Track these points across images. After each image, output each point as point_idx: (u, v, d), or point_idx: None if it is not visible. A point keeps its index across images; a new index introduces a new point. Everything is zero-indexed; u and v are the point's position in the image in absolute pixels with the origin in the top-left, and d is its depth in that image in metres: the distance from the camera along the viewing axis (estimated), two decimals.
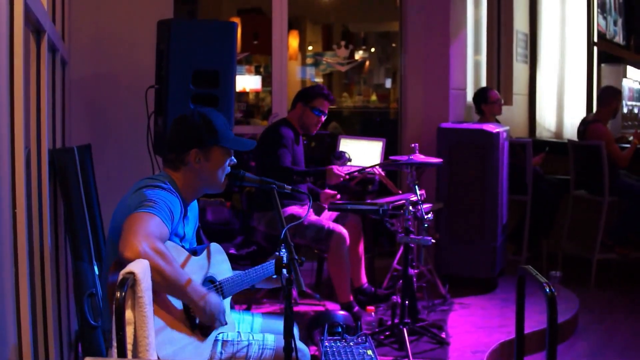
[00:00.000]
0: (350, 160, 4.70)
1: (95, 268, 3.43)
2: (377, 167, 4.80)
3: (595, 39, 8.67)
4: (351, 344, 3.26)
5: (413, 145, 4.43)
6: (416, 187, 4.19)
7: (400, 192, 4.87)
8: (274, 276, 2.73)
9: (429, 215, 4.11)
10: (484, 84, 6.82)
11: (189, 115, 2.62)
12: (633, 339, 4.72)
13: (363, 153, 5.17)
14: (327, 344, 3.24)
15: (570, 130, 8.03)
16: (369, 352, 3.18)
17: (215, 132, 2.57)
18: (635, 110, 9.61)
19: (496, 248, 5.32)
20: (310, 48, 8.81)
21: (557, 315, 2.41)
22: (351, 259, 4.60)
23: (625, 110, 8.86)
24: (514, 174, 5.76)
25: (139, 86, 3.92)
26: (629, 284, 6.00)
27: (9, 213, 2.13)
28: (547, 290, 2.41)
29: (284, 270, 2.34)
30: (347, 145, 5.23)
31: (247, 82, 8.23)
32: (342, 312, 3.86)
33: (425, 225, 4.09)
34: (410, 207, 4.05)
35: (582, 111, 8.29)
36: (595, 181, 5.91)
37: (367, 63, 8.59)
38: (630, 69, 9.55)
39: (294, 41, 8.18)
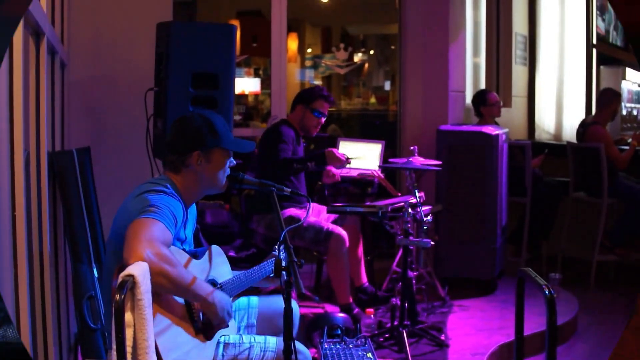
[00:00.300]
0: (349, 162, 4.69)
1: (95, 271, 3.43)
2: (376, 169, 4.79)
3: (595, 41, 8.68)
4: (350, 346, 3.26)
5: (412, 147, 4.43)
6: (415, 189, 4.19)
7: (400, 194, 4.86)
8: (272, 275, 2.74)
9: (428, 218, 4.11)
10: (483, 86, 6.82)
11: (190, 117, 2.63)
12: None
13: (362, 155, 5.16)
14: (326, 346, 3.24)
15: (570, 132, 8.03)
16: (369, 354, 3.18)
17: (217, 133, 2.58)
18: (634, 112, 9.61)
19: (496, 250, 5.32)
20: (309, 50, 8.81)
21: (556, 317, 2.41)
22: (350, 260, 4.60)
23: (624, 112, 8.87)
24: (513, 176, 5.76)
25: (138, 89, 3.92)
26: (628, 285, 5.99)
27: (8, 216, 2.12)
28: (547, 292, 2.41)
29: (284, 273, 2.34)
30: (346, 147, 5.23)
31: (246, 84, 8.23)
32: (341, 315, 3.86)
33: (425, 227, 4.09)
34: (410, 210, 4.05)
35: (581, 113, 8.28)
36: (594, 183, 5.91)
37: (366, 65, 8.59)
38: (629, 71, 9.55)
39: (293, 44, 8.18)
